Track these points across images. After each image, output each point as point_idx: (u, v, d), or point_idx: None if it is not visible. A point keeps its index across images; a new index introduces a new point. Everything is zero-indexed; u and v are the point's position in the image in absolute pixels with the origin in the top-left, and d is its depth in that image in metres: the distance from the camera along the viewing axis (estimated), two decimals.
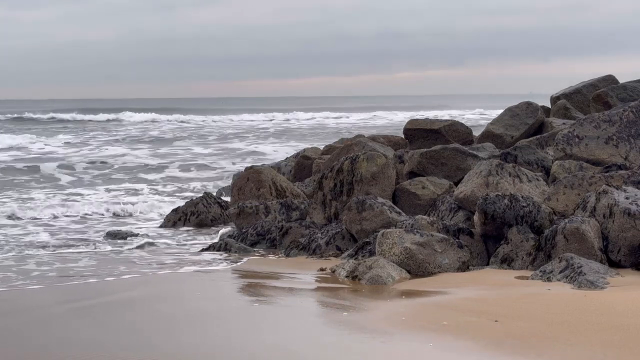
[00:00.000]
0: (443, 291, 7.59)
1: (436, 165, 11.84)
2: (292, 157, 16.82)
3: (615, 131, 10.92)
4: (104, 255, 10.31)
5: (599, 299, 6.83)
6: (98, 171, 22.22)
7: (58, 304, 7.49)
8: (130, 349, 5.90)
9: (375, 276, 8.18)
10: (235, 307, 7.45)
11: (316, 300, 7.82)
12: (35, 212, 13.74)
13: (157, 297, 7.86)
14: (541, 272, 7.97)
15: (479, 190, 9.78)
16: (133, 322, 6.82)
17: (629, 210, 8.16)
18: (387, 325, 6.37)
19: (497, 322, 6.24)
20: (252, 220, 11.69)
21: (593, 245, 8.13)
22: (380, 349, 5.82)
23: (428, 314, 6.65)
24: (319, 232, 10.48)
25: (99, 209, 14.34)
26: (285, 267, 9.38)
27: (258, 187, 12.78)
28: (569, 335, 5.80)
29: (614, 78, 15.48)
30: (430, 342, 5.88)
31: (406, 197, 11.17)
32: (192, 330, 6.42)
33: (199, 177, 20.83)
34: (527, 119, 14.13)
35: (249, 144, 31.35)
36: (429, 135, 13.73)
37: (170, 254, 10.41)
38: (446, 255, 8.64)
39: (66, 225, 12.85)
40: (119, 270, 9.23)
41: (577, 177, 9.51)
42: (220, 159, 25.55)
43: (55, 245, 10.97)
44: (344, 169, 11.31)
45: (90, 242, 11.26)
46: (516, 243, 8.78)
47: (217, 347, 5.98)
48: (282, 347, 5.95)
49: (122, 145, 31.73)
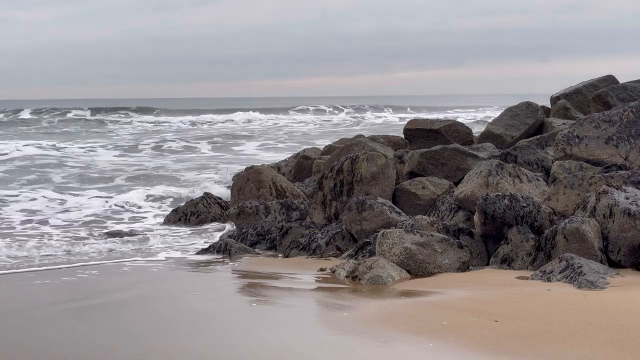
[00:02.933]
0: (443, 291, 7.59)
1: (436, 165, 11.84)
2: (292, 157, 16.82)
3: (615, 131, 10.92)
4: (103, 255, 10.30)
5: (599, 299, 6.82)
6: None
7: (55, 303, 7.48)
8: (128, 349, 5.90)
9: (375, 276, 8.18)
10: (234, 307, 7.45)
11: (316, 300, 7.82)
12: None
13: (155, 297, 7.85)
14: (541, 272, 7.97)
15: (479, 191, 9.78)
16: (131, 322, 6.81)
17: (629, 210, 8.16)
18: (387, 326, 6.37)
19: (497, 322, 6.24)
20: (252, 220, 11.69)
21: (593, 246, 8.12)
22: (381, 349, 5.81)
23: (428, 314, 6.65)
24: (319, 232, 10.47)
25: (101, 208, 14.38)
26: (285, 267, 9.38)
27: (258, 187, 12.78)
28: (569, 335, 5.79)
29: (614, 78, 15.50)
30: (430, 342, 5.87)
31: (406, 197, 11.17)
32: (190, 331, 6.42)
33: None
34: (527, 119, 14.14)
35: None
36: (429, 136, 13.74)
37: (169, 254, 10.41)
38: (446, 255, 8.63)
39: (67, 225, 12.86)
40: (117, 270, 9.23)
41: (577, 177, 9.51)
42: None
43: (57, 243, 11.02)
44: (344, 169, 11.31)
45: (89, 241, 11.25)
46: (516, 243, 8.78)
47: (216, 348, 5.98)
48: (281, 347, 5.95)
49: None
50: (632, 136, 10.90)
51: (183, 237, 11.83)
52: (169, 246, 11.06)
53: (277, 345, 5.98)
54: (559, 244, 8.27)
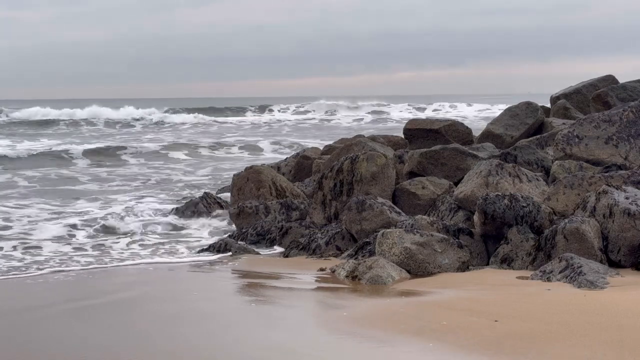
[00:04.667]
0: (443, 291, 7.59)
1: (436, 165, 11.84)
2: (292, 157, 16.82)
3: (615, 131, 10.92)
4: (102, 253, 10.30)
5: (599, 299, 6.82)
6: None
7: (56, 303, 7.49)
8: (127, 349, 5.90)
9: (375, 276, 8.18)
10: (234, 307, 7.45)
11: (316, 300, 7.82)
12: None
13: (155, 296, 7.85)
14: (541, 272, 7.97)
15: (479, 190, 9.78)
16: (130, 321, 6.81)
17: (629, 210, 8.16)
18: (387, 325, 6.37)
19: (497, 322, 6.24)
20: (252, 220, 11.69)
21: (593, 245, 8.13)
22: (380, 349, 5.81)
23: (428, 314, 6.65)
24: (319, 232, 10.48)
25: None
26: (285, 267, 9.38)
27: (258, 187, 12.77)
28: (569, 335, 5.79)
29: (614, 78, 15.50)
30: (430, 342, 5.87)
31: (406, 197, 11.17)
32: (190, 330, 6.41)
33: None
34: (527, 119, 14.14)
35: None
36: (429, 135, 13.74)
37: (169, 254, 10.41)
38: (446, 255, 8.63)
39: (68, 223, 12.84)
40: (116, 269, 9.23)
41: (577, 177, 9.51)
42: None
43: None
44: (344, 169, 11.31)
45: (86, 240, 11.25)
46: (516, 243, 8.78)
47: (216, 347, 5.98)
48: (281, 347, 5.95)
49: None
50: (632, 136, 10.90)
51: (182, 236, 11.82)
52: (170, 246, 11.05)
53: (277, 345, 5.99)
54: (559, 243, 8.27)
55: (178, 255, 10.31)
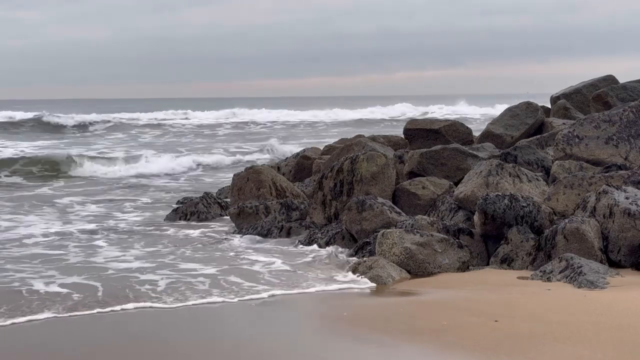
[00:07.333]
0: (443, 291, 7.59)
1: (436, 165, 11.84)
2: (292, 157, 16.82)
3: (615, 131, 10.92)
4: (100, 252, 10.29)
5: (599, 299, 6.82)
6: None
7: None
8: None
9: (375, 276, 8.18)
10: (234, 307, 7.45)
11: (316, 300, 7.81)
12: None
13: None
14: (541, 272, 7.97)
15: (479, 190, 9.78)
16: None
17: (629, 210, 8.16)
18: (387, 325, 6.37)
19: (497, 322, 6.24)
20: (252, 220, 11.69)
21: (593, 245, 8.13)
22: (380, 349, 5.81)
23: (428, 314, 6.65)
24: (319, 232, 10.48)
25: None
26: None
27: (258, 187, 12.77)
28: (569, 335, 5.80)
29: (614, 78, 15.50)
30: (430, 342, 5.87)
31: (406, 197, 11.17)
32: (194, 330, 6.42)
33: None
34: (527, 119, 14.14)
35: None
36: (429, 135, 13.74)
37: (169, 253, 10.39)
38: (446, 255, 8.63)
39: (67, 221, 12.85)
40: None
41: (577, 177, 9.51)
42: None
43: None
44: (344, 169, 11.31)
45: (83, 237, 11.24)
46: (516, 243, 8.77)
47: (215, 347, 5.98)
48: (281, 346, 5.95)
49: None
50: (632, 136, 10.89)
51: (182, 236, 11.79)
52: (173, 244, 11.03)
53: (277, 345, 5.98)
54: (559, 244, 8.26)
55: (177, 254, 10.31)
